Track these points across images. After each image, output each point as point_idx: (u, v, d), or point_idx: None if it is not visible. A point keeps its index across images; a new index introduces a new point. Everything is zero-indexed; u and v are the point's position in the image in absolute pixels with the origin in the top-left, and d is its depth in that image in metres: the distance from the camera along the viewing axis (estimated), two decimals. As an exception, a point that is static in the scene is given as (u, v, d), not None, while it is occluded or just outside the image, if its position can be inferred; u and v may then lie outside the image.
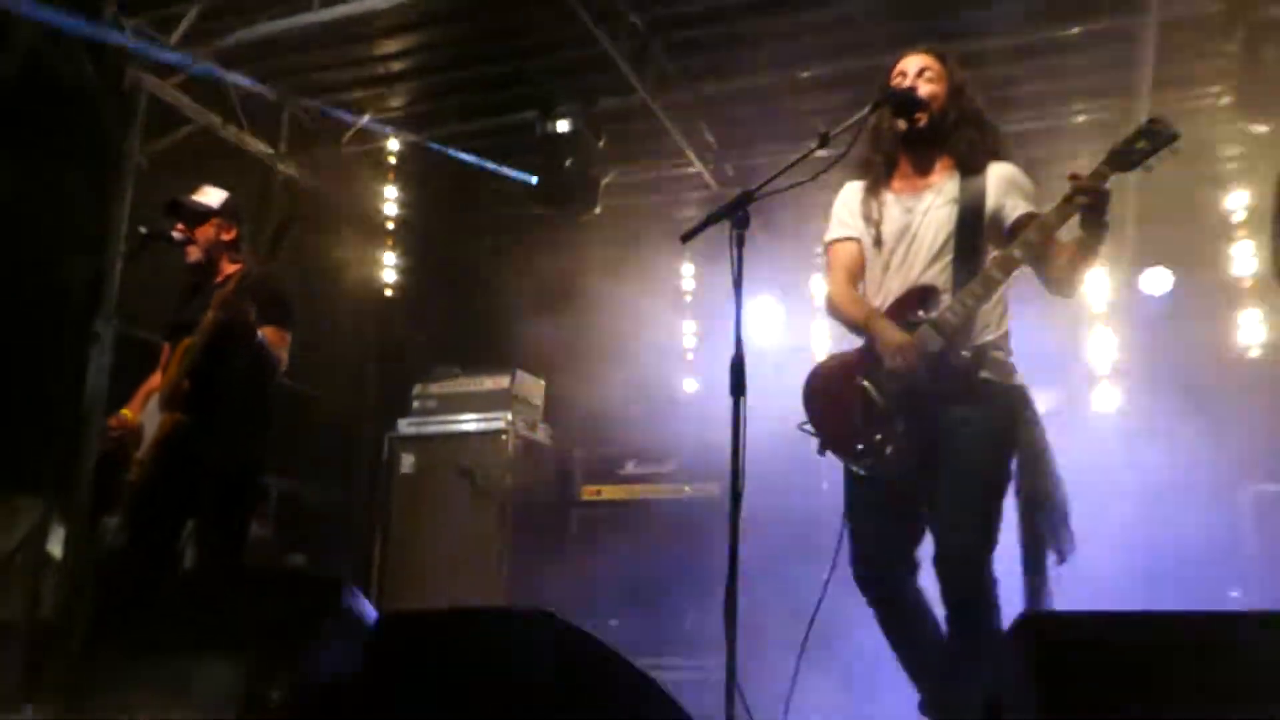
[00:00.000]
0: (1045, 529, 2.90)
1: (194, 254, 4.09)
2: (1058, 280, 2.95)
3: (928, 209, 3.03)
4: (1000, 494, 2.88)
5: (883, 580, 2.97)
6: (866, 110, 3.01)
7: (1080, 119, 7.03)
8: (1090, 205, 2.75)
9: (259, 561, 5.89)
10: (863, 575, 2.99)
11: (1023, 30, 5.94)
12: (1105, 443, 6.49)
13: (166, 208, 4.16)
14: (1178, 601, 6.09)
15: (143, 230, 4.26)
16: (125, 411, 4.02)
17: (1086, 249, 2.84)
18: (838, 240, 3.22)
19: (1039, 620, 1.96)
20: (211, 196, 4.18)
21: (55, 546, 5.91)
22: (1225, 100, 6.48)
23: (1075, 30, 5.93)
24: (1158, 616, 1.87)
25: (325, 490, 7.77)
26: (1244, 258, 7.22)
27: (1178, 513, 6.21)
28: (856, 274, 3.18)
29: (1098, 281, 7.41)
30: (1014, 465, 2.93)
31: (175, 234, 4.11)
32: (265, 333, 3.84)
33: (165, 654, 2.76)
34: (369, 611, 2.70)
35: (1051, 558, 2.90)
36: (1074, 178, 2.76)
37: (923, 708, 2.94)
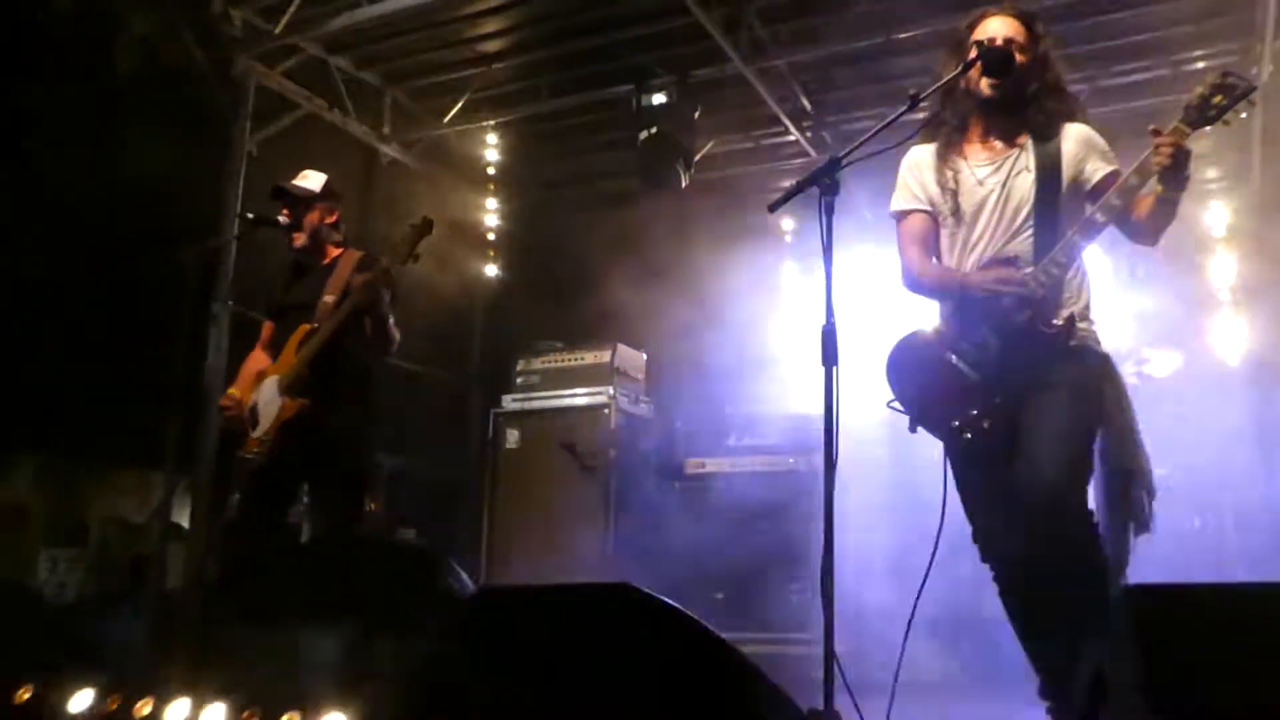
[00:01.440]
0: (1135, 499, 2.80)
1: (300, 239, 4.18)
2: (1140, 231, 2.85)
3: (1006, 179, 2.93)
4: (1088, 440, 2.77)
5: (1006, 551, 2.89)
6: (960, 69, 2.90)
7: (1199, 65, 6.69)
8: (1170, 165, 2.63)
9: (369, 536, 6.06)
10: (985, 547, 2.93)
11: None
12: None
13: (271, 193, 4.27)
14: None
15: (250, 215, 4.38)
16: (233, 390, 4.13)
17: (1166, 204, 2.73)
18: (909, 212, 3.11)
19: (1143, 593, 1.89)
20: (313, 180, 4.27)
21: (183, 519, 6.19)
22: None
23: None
24: (1265, 588, 1.78)
25: (434, 466, 7.95)
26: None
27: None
28: (930, 246, 3.08)
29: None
30: (1100, 429, 2.83)
31: (280, 218, 4.22)
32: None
33: (275, 624, 2.85)
34: (467, 585, 2.76)
35: (1132, 529, 2.81)
36: (1156, 133, 2.66)
37: (1042, 692, 2.85)
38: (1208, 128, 2.69)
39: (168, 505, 5.71)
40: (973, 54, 2.89)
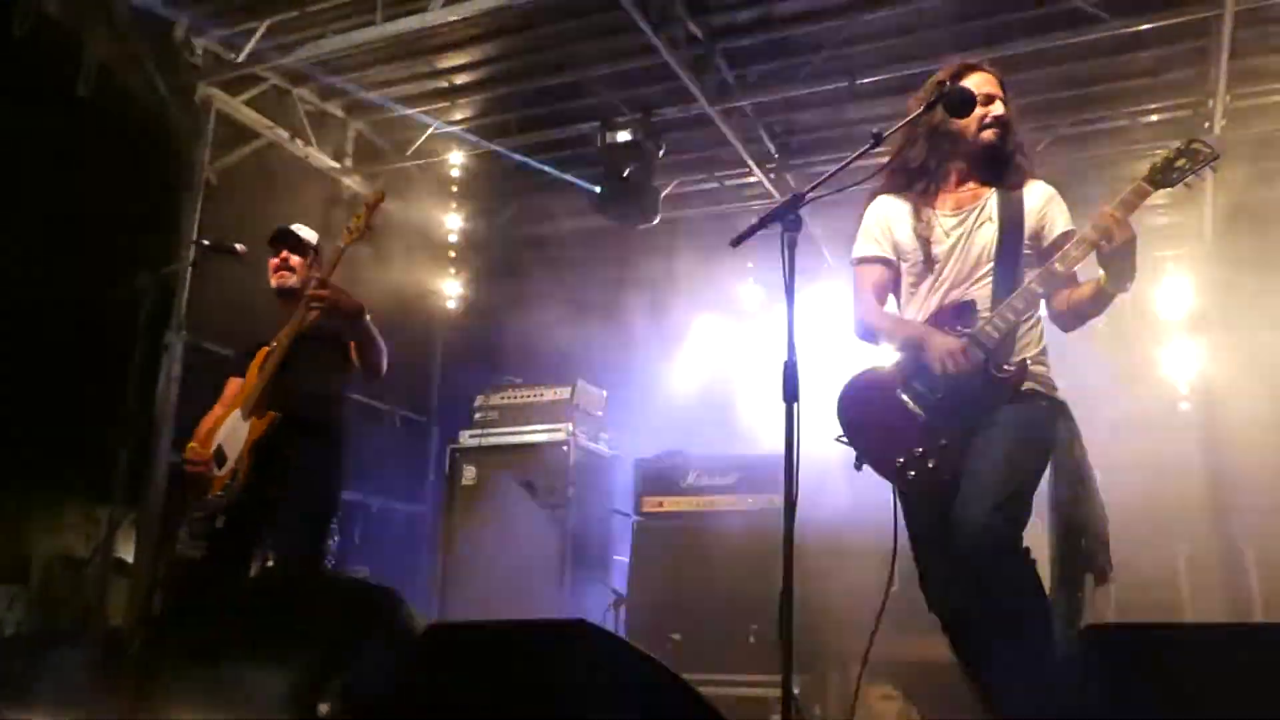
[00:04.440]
0: (1087, 549, 2.80)
1: (289, 279, 4.03)
2: (1068, 311, 2.91)
3: (970, 229, 2.97)
4: (1026, 481, 2.75)
5: (947, 601, 2.87)
6: (921, 109, 2.93)
7: (1154, 118, 6.84)
8: (1113, 231, 2.69)
9: (319, 572, 5.94)
10: (930, 596, 2.90)
11: (1092, 27, 5.79)
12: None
13: (275, 234, 4.10)
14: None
15: (205, 242, 4.31)
16: (193, 445, 3.97)
17: (1102, 298, 2.80)
18: (867, 259, 3.13)
19: (1102, 632, 1.87)
20: (309, 234, 4.17)
21: (127, 554, 6.04)
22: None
23: (1146, 26, 5.76)
24: (1225, 627, 1.77)
25: (391, 501, 7.85)
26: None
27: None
28: (884, 296, 3.13)
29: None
30: (1050, 476, 2.84)
31: (237, 246, 4.15)
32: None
33: (221, 659, 2.77)
34: (419, 622, 2.69)
35: (1090, 580, 2.81)
36: (1110, 213, 2.72)
37: None
38: (1169, 189, 2.77)
39: (111, 540, 5.58)
40: (952, 96, 2.91)
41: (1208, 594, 5.55)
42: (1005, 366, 2.82)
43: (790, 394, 2.64)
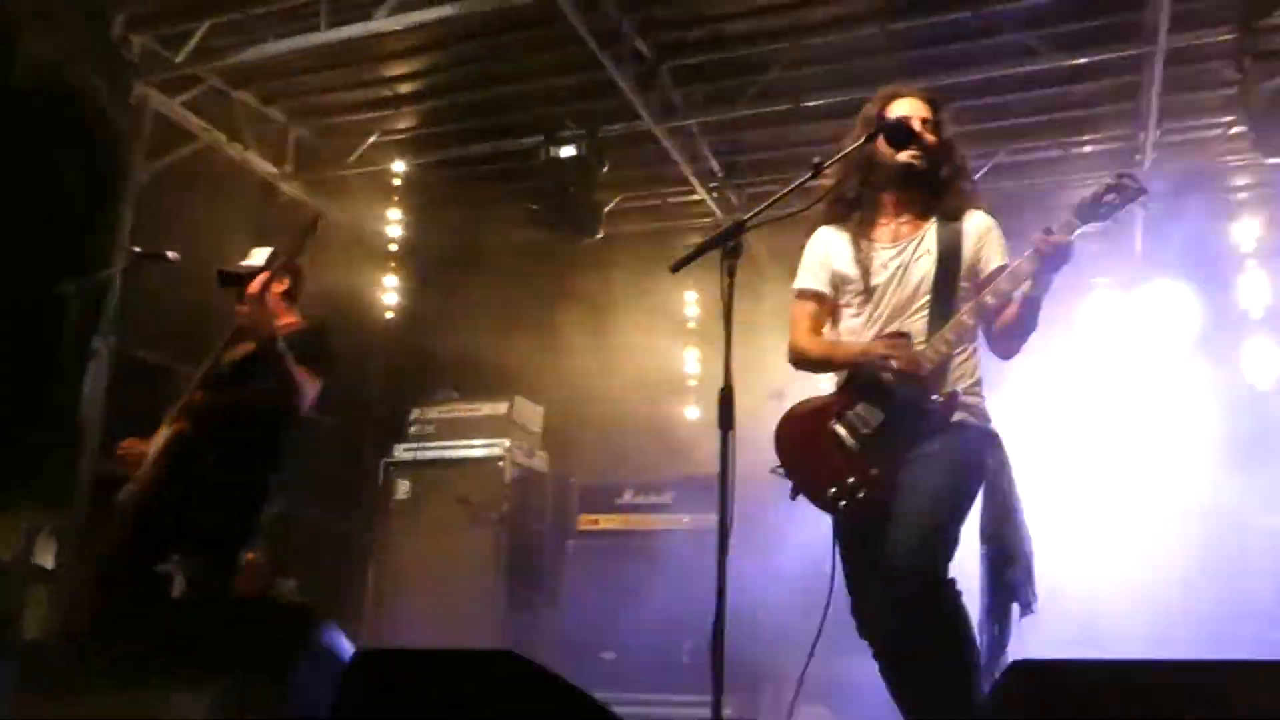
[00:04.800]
0: (1012, 581, 2.84)
1: (242, 313, 3.81)
2: (999, 336, 2.94)
3: (907, 261, 3.00)
4: (955, 513, 2.78)
5: (878, 631, 2.88)
6: (861, 140, 2.96)
7: (1088, 149, 7.00)
8: (1050, 255, 2.73)
9: (250, 585, 5.82)
10: (861, 621, 2.92)
11: (1030, 59, 5.91)
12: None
13: (218, 278, 3.97)
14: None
15: (137, 249, 4.21)
16: (133, 440, 3.89)
17: (1030, 305, 2.83)
18: (805, 292, 3.16)
19: (1029, 670, 1.89)
20: (257, 257, 4.02)
21: (47, 560, 5.86)
22: (1235, 130, 6.45)
23: (1081, 60, 5.89)
24: (1149, 665, 1.80)
25: (322, 514, 7.71)
26: (1252, 288, 7.15)
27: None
28: (819, 327, 3.16)
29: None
30: (980, 507, 2.87)
31: (169, 253, 4.05)
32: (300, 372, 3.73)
33: (140, 683, 2.69)
34: (344, 647, 2.64)
35: (1015, 610, 2.85)
36: (1046, 232, 2.76)
37: None
38: (1101, 221, 2.82)
39: (30, 548, 5.42)
40: (885, 128, 2.95)
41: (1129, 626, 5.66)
42: (935, 397, 2.85)
43: (725, 422, 2.64)
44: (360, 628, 6.42)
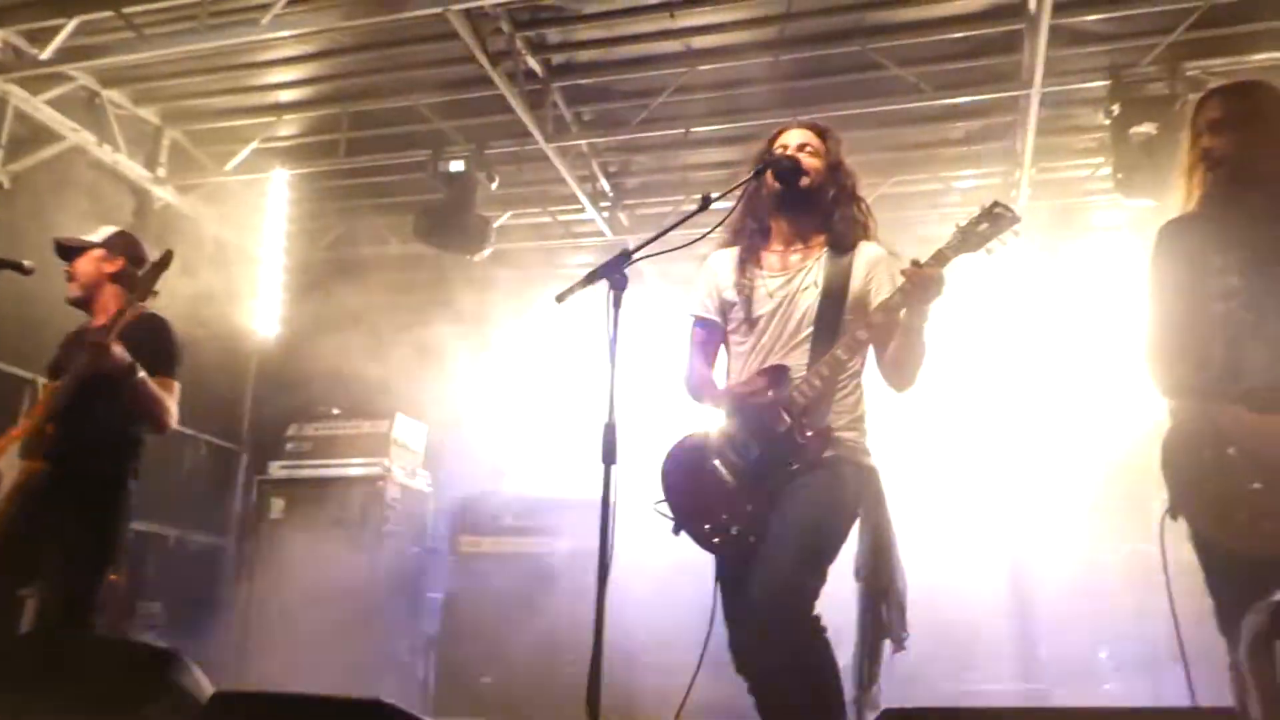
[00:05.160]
0: (885, 617, 2.86)
1: (73, 290, 3.76)
2: (889, 367, 2.92)
3: (794, 292, 2.99)
4: (826, 546, 2.76)
5: (750, 668, 2.86)
6: (750, 175, 2.97)
7: (966, 184, 7.22)
8: (918, 287, 2.73)
9: (111, 609, 5.54)
10: (736, 659, 2.89)
11: (913, 95, 6.07)
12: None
13: (55, 248, 3.81)
14: (1051, 659, 6.21)
15: (-10, 256, 3.95)
16: None
17: (909, 334, 2.81)
18: (697, 319, 3.16)
19: (900, 717, 1.90)
20: (98, 233, 3.86)
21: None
22: (1104, 172, 6.72)
23: (962, 100, 6.08)
24: (1007, 713, 1.82)
25: (191, 533, 7.42)
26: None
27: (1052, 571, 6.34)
28: (712, 355, 3.15)
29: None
30: (857, 542, 2.88)
31: (25, 263, 3.82)
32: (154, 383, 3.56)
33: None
34: (204, 687, 2.52)
35: (888, 646, 2.87)
36: (915, 264, 2.76)
37: None
38: (973, 251, 2.79)
39: None
40: (773, 163, 2.96)
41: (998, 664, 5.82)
42: (807, 433, 2.83)
43: (608, 456, 2.60)
44: (229, 653, 6.18)
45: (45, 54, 6.05)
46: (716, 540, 2.83)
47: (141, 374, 3.49)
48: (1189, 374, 2.56)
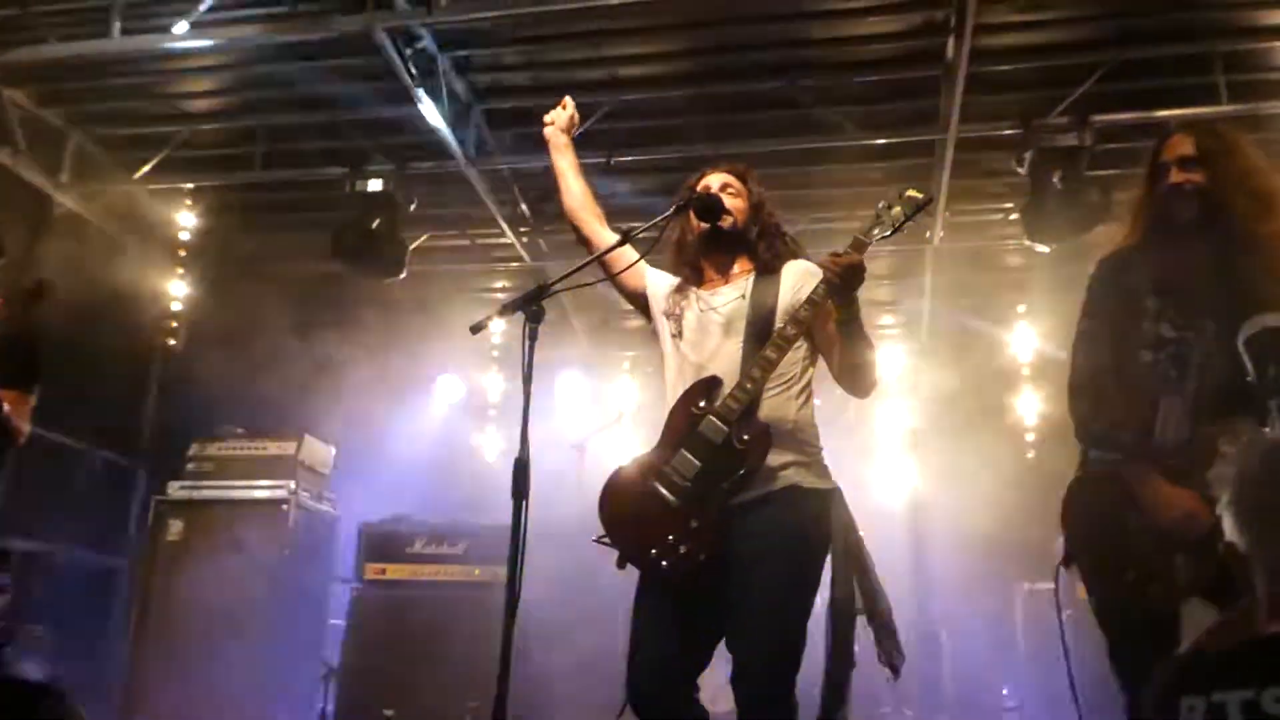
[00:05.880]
0: (876, 648, 2.83)
1: None
2: (840, 371, 2.90)
3: (722, 304, 3.00)
4: (805, 610, 2.75)
5: (660, 699, 2.81)
6: (670, 211, 2.97)
7: (885, 222, 7.33)
8: (838, 278, 2.71)
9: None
10: (639, 694, 2.83)
11: (836, 134, 6.16)
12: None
13: None
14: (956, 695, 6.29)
15: None
16: None
17: (845, 329, 2.80)
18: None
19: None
20: None
21: None
22: (1013, 216, 6.90)
23: (881, 140, 6.19)
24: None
25: (82, 554, 7.12)
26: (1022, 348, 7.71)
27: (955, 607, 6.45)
28: (601, 222, 3.23)
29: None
30: (831, 570, 2.83)
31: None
32: (4, 395, 3.41)
33: None
34: (84, 724, 2.39)
35: (887, 674, 2.85)
36: (834, 255, 2.75)
37: None
38: (888, 233, 2.84)
39: None
40: (695, 201, 2.97)
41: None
42: (744, 436, 2.78)
43: (519, 490, 2.56)
44: (118, 680, 5.93)
45: (-61, 47, 5.82)
46: (665, 564, 2.74)
47: (5, 410, 3.34)
48: (1106, 426, 2.60)
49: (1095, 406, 2.66)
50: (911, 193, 2.87)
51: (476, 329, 2.72)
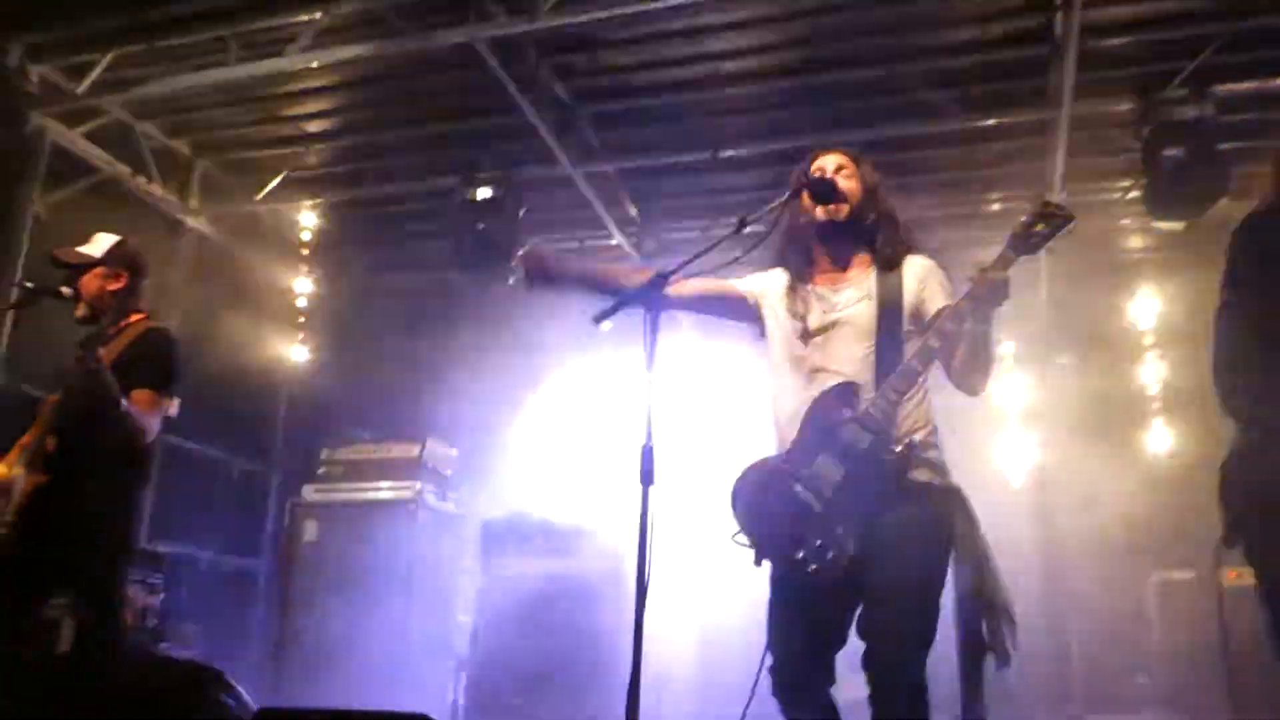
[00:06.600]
0: (988, 633, 2.82)
1: (80, 310, 3.83)
2: (959, 373, 2.89)
3: (848, 304, 2.98)
4: (935, 597, 2.76)
5: (800, 689, 2.85)
6: (786, 195, 2.96)
7: (995, 206, 7.20)
8: (987, 293, 2.73)
9: (149, 631, 5.59)
10: (780, 683, 2.88)
11: (943, 118, 6.07)
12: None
13: (49, 262, 3.93)
14: (1086, 684, 6.15)
15: (28, 285, 4.00)
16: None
17: (978, 340, 2.80)
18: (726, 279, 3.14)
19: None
20: (98, 244, 3.92)
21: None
22: (1133, 195, 6.70)
23: (992, 122, 6.08)
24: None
25: (225, 556, 7.47)
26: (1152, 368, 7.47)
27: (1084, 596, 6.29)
28: (692, 284, 3.08)
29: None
30: (954, 568, 2.84)
31: (62, 289, 3.89)
32: (136, 396, 3.58)
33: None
34: (247, 706, 2.53)
35: (992, 662, 2.83)
36: (981, 270, 2.74)
37: None
38: (1033, 251, 2.78)
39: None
40: (809, 184, 2.97)
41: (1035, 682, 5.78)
42: (892, 448, 2.79)
43: (646, 477, 2.60)
44: (262, 675, 6.20)
45: (81, 88, 6.17)
46: (814, 567, 2.77)
47: (125, 406, 3.53)
48: (1256, 402, 2.51)
49: (1241, 381, 2.56)
50: (1052, 209, 2.82)
51: (599, 320, 2.78)
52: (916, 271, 2.99)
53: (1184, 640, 5.91)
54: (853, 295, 2.99)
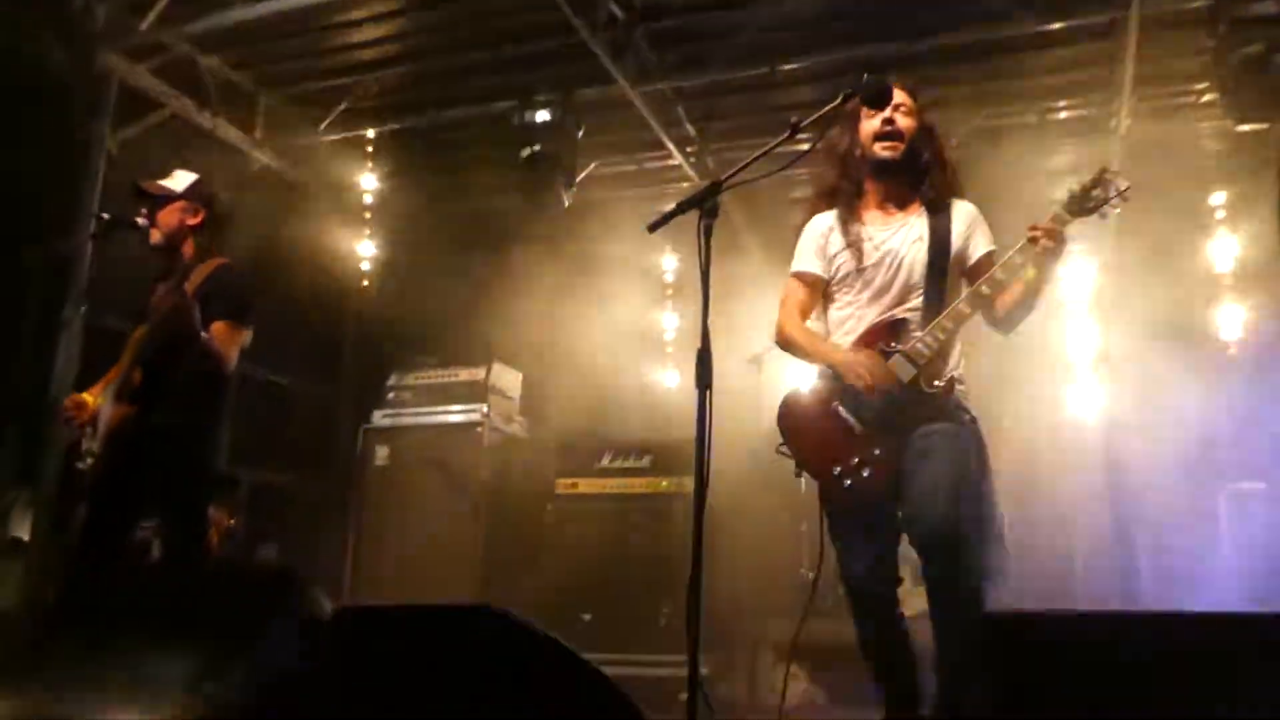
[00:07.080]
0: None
1: (155, 237, 3.98)
2: (1004, 318, 3.07)
3: (900, 244, 3.11)
4: (973, 484, 2.92)
5: (879, 597, 3.00)
6: (839, 99, 2.96)
7: (1063, 115, 7.01)
8: (1050, 250, 2.88)
9: (229, 552, 5.83)
10: (853, 588, 3.02)
11: (1005, 24, 5.91)
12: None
13: (132, 192, 4.07)
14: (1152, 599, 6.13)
15: (105, 216, 4.15)
16: (85, 395, 3.92)
17: (1034, 290, 2.97)
18: (802, 275, 3.28)
19: (996, 619, 1.93)
20: (179, 180, 4.08)
21: (23, 532, 5.83)
22: (1208, 98, 6.48)
23: (1057, 25, 5.90)
24: (1112, 617, 1.84)
25: (299, 481, 7.71)
26: (1222, 254, 7.24)
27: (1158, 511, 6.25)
28: (808, 311, 3.28)
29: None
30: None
31: (139, 220, 4.02)
32: (215, 328, 3.72)
33: (117, 650, 2.69)
34: (325, 606, 2.65)
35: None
36: (1034, 228, 2.89)
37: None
38: (1089, 215, 2.93)
39: (5, 519, 5.39)
40: (864, 88, 2.98)
41: (1101, 582, 5.78)
42: (936, 382, 2.96)
43: (703, 380, 2.66)
44: (339, 591, 6.44)
45: (145, 24, 6.26)
46: (849, 483, 2.96)
47: (202, 333, 3.66)
48: None
49: None
50: (1109, 175, 2.94)
51: (654, 227, 2.82)
52: (963, 216, 3.15)
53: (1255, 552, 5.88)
54: (905, 235, 3.13)
